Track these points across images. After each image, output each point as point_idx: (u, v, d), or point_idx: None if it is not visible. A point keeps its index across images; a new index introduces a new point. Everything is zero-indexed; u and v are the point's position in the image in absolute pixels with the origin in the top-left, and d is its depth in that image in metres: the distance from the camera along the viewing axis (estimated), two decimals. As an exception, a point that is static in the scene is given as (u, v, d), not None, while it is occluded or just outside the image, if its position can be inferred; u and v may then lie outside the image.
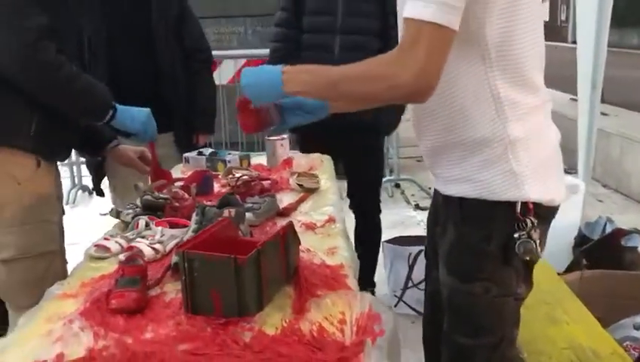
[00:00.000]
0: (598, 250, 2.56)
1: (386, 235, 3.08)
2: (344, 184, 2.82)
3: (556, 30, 23.59)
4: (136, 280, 1.31)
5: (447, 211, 1.37)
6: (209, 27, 5.53)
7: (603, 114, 5.70)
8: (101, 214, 4.06)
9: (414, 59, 1.11)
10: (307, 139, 2.68)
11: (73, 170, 5.54)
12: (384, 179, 4.36)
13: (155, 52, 2.45)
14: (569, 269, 2.56)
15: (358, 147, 2.71)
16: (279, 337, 1.12)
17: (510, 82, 1.23)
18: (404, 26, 1.15)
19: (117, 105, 1.85)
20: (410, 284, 2.87)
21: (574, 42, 2.84)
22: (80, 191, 5.51)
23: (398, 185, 5.34)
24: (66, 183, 5.45)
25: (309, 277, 1.33)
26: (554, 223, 1.37)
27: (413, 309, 2.84)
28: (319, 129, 1.75)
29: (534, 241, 1.25)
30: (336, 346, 1.08)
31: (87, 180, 5.26)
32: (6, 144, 1.69)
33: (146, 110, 1.95)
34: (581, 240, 2.69)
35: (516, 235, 1.25)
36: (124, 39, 2.42)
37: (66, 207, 2.01)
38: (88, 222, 3.90)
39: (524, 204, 1.25)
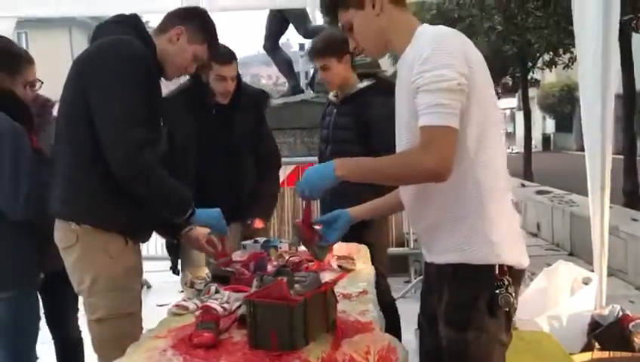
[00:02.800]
0: (608, 334, 2.80)
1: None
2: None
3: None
4: (212, 325, 1.72)
5: (441, 278, 1.72)
6: (263, 138, 6.24)
7: (633, 220, 5.97)
8: (158, 305, 4.46)
9: (434, 152, 1.54)
10: None
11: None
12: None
13: (234, 162, 3.00)
14: (582, 352, 2.80)
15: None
16: (320, 363, 1.50)
17: (486, 173, 1.63)
18: (421, 131, 1.57)
19: (196, 209, 2.20)
20: None
21: (619, 153, 3.17)
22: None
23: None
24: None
25: (343, 326, 1.71)
26: (569, 311, 1.70)
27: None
28: None
29: (511, 295, 1.61)
30: (363, 369, 1.45)
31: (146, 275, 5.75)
32: (102, 227, 2.09)
33: (217, 210, 2.33)
34: (594, 326, 2.95)
35: (497, 291, 1.60)
36: (209, 150, 2.98)
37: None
38: (148, 312, 4.30)
39: (501, 267, 1.61)
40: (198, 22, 2.23)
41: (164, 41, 2.18)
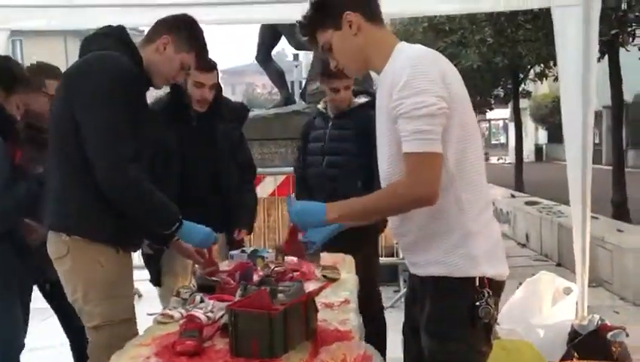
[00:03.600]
0: (587, 344, 2.86)
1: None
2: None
3: (594, 153, 24.26)
4: (195, 333, 1.77)
5: (424, 290, 1.77)
6: (255, 148, 6.29)
7: (619, 231, 6.06)
8: (148, 314, 4.50)
9: (421, 180, 1.60)
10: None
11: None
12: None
13: (218, 174, 3.04)
14: (562, 361, 2.86)
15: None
16: (298, 371, 1.55)
17: (466, 189, 1.69)
18: (405, 157, 1.63)
19: (184, 221, 2.20)
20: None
21: (609, 164, 3.27)
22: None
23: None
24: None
25: (322, 335, 1.77)
26: (550, 321, 1.75)
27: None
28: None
29: (491, 307, 1.67)
30: (339, 377, 1.51)
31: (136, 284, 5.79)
32: (92, 238, 2.12)
33: (207, 230, 2.29)
34: (574, 335, 3.01)
35: (477, 303, 1.66)
36: (192, 162, 2.98)
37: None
38: (139, 321, 4.35)
39: (481, 279, 1.67)
40: (185, 30, 2.22)
41: (151, 51, 2.20)
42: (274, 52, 7.81)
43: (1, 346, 2.53)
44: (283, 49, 26.95)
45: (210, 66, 2.92)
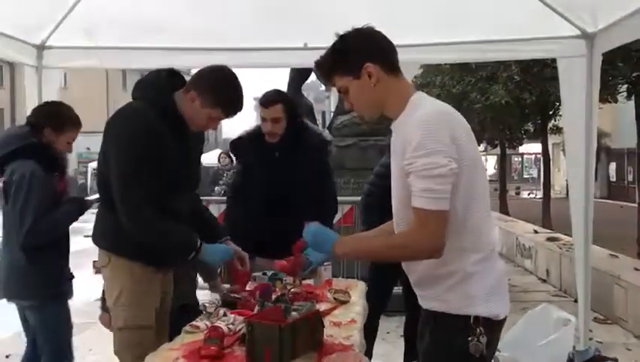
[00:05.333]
0: (582, 372, 3.05)
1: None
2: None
3: (624, 191, 24.06)
4: (217, 341, 2.06)
5: (426, 321, 1.96)
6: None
7: (636, 269, 6.16)
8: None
9: (429, 235, 1.73)
10: None
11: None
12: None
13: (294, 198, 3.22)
14: (558, 387, 3.04)
15: None
16: (302, 375, 1.82)
17: (471, 237, 1.80)
18: (414, 211, 1.74)
19: (203, 244, 2.40)
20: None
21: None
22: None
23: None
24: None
25: (327, 347, 2.04)
26: (549, 350, 1.91)
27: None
28: None
29: (482, 344, 1.78)
30: (336, 380, 1.77)
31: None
32: (127, 258, 2.43)
33: (223, 247, 2.56)
34: (570, 363, 3.20)
35: (469, 338, 1.78)
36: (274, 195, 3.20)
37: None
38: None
39: (476, 318, 1.78)
40: (209, 88, 2.38)
41: (185, 100, 2.43)
42: (308, 80, 8.17)
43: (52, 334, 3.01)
44: (315, 80, 27.39)
45: (268, 101, 3.16)
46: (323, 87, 29.39)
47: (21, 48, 3.58)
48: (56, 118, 2.99)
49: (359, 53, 1.85)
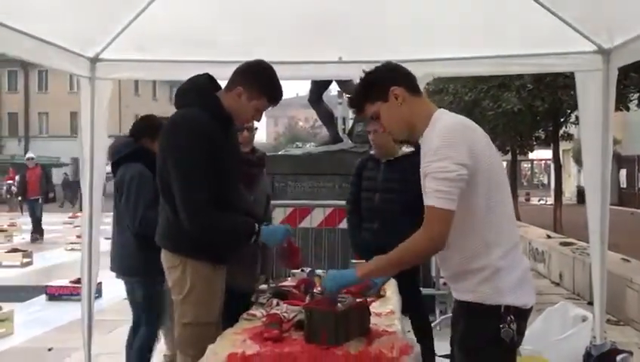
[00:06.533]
0: (598, 363, 3.28)
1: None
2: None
3: (634, 197, 24.17)
4: (277, 325, 2.33)
5: (459, 312, 2.21)
6: (306, 182, 6.91)
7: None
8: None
9: (429, 232, 1.97)
10: None
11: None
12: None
13: None
14: (576, 379, 3.28)
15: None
16: (357, 354, 2.08)
17: (494, 234, 2.04)
18: (425, 209, 1.98)
19: (262, 228, 2.62)
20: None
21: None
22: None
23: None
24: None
25: (374, 332, 2.30)
26: (567, 344, 2.13)
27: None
28: None
29: (513, 331, 2.03)
30: (387, 358, 2.03)
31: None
32: (192, 258, 2.64)
33: (282, 226, 2.80)
34: (587, 357, 3.42)
35: (501, 326, 2.01)
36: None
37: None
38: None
39: (506, 307, 2.02)
40: (254, 80, 2.57)
41: (230, 98, 2.64)
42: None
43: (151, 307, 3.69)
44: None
45: None
46: (334, 93, 29.70)
47: (76, 60, 3.86)
48: (152, 128, 3.62)
49: (385, 80, 2.18)
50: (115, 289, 5.11)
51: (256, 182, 3.40)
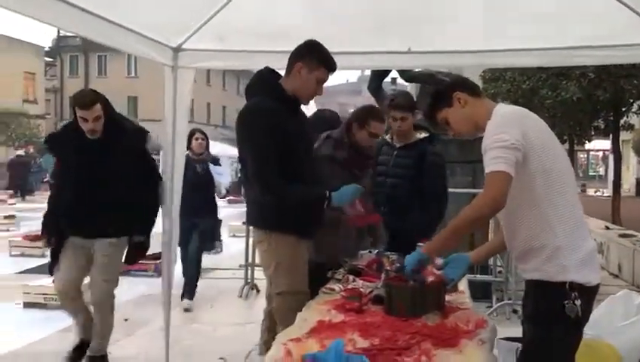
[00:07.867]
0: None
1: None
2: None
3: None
4: (358, 298, 2.53)
5: (529, 289, 2.36)
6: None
7: None
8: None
9: (490, 192, 2.14)
10: None
11: (247, 271, 7.03)
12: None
13: None
14: (639, 363, 3.35)
15: None
16: (434, 326, 2.26)
17: (556, 213, 2.20)
18: (485, 176, 2.16)
19: (332, 193, 2.87)
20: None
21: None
22: (250, 289, 6.96)
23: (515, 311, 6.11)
24: (240, 282, 7.04)
25: (448, 309, 2.47)
26: (630, 330, 2.57)
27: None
28: None
29: (577, 306, 2.16)
30: (464, 331, 2.20)
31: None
32: (278, 231, 2.93)
33: (351, 186, 2.94)
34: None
35: (566, 302, 2.16)
36: None
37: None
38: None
39: (571, 284, 2.16)
40: (310, 53, 2.88)
41: (292, 80, 2.93)
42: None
43: None
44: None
45: (87, 104, 3.72)
46: (388, 79, 29.59)
47: (161, 50, 4.13)
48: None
49: (447, 88, 2.47)
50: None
51: (366, 172, 3.76)
